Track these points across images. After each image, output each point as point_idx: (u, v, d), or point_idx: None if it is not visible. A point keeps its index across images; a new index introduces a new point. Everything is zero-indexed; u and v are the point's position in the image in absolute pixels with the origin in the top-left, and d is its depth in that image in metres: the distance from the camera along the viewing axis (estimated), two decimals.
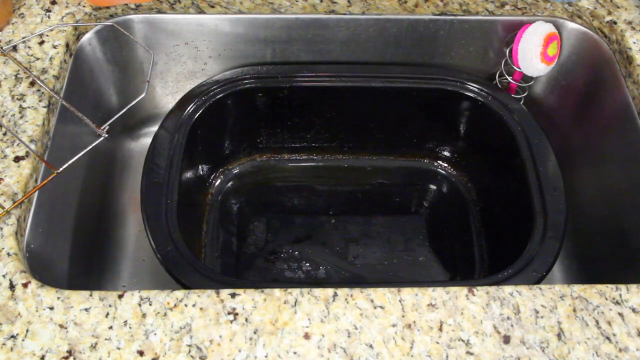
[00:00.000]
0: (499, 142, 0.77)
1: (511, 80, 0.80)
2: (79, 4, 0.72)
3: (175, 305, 0.49)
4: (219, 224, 0.80)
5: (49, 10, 0.71)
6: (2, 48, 0.64)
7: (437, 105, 0.80)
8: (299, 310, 0.49)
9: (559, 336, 0.49)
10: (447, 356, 0.47)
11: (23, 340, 0.47)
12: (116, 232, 0.79)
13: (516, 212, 0.72)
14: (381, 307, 0.50)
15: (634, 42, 0.71)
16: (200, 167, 0.81)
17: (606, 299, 0.51)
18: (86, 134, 0.68)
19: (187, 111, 0.73)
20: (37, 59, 0.66)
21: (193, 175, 0.78)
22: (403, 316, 0.49)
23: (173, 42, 0.77)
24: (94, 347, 0.47)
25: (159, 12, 0.74)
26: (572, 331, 0.49)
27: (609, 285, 0.52)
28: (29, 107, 0.61)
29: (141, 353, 0.46)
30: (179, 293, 0.50)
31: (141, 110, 0.85)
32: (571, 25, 0.77)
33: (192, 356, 0.46)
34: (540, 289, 0.51)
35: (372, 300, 0.50)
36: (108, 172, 0.81)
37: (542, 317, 0.50)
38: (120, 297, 0.49)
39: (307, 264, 0.78)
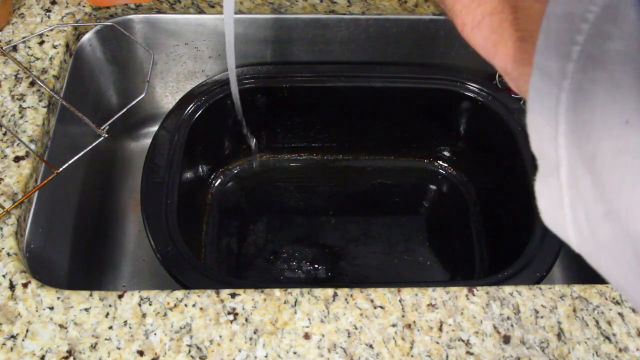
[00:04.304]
0: (499, 142, 0.77)
1: None
2: (79, 4, 0.72)
3: (175, 305, 0.49)
4: (219, 224, 0.80)
5: (49, 10, 0.71)
6: (2, 48, 0.64)
7: (437, 105, 0.80)
8: (299, 310, 0.49)
9: (559, 336, 0.49)
10: (447, 356, 0.47)
11: (23, 340, 0.47)
12: (116, 232, 0.79)
13: (516, 212, 0.72)
14: (381, 307, 0.50)
15: None
16: (200, 167, 0.81)
17: (606, 299, 0.51)
18: (86, 134, 0.68)
19: (187, 111, 0.73)
20: (37, 59, 0.66)
21: (193, 175, 0.78)
22: (403, 316, 0.49)
23: (173, 42, 0.77)
24: (94, 347, 0.47)
25: (159, 12, 0.74)
26: (572, 331, 0.49)
27: (609, 285, 0.52)
28: (29, 107, 0.61)
29: (141, 353, 0.46)
30: (179, 293, 0.50)
31: (141, 110, 0.85)
32: None
33: (192, 356, 0.46)
34: (540, 289, 0.51)
35: (372, 300, 0.50)
36: (108, 172, 0.81)
37: (542, 317, 0.50)
38: (120, 297, 0.49)
39: (307, 264, 0.78)
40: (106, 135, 0.59)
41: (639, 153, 0.20)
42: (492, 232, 0.79)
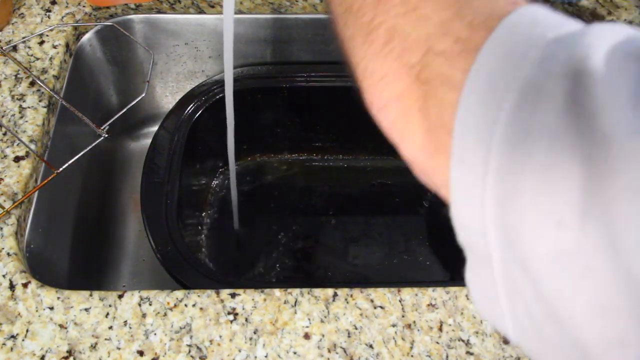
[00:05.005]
0: None
1: None
2: (79, 4, 0.72)
3: (175, 305, 0.49)
4: (219, 224, 0.80)
5: (49, 10, 0.71)
6: (2, 48, 0.64)
7: None
8: (299, 310, 0.49)
9: None
10: (447, 356, 0.47)
11: (23, 340, 0.47)
12: (116, 232, 0.79)
13: None
14: (381, 307, 0.50)
15: None
16: (200, 167, 0.81)
17: None
18: (86, 134, 0.68)
19: (187, 111, 0.73)
20: (37, 59, 0.66)
21: (193, 175, 0.78)
22: (403, 316, 0.49)
23: (173, 42, 0.77)
24: (94, 347, 0.47)
25: (159, 12, 0.74)
26: None
27: None
28: (29, 107, 0.61)
29: (141, 353, 0.46)
30: (179, 293, 0.50)
31: (141, 110, 0.85)
32: None
33: (192, 356, 0.46)
34: None
35: (372, 300, 0.50)
36: (108, 172, 0.81)
37: None
38: (120, 297, 0.49)
39: (307, 264, 0.78)
40: (106, 135, 0.59)
41: (576, 255, 0.18)
42: None
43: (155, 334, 0.47)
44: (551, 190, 0.19)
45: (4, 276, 0.50)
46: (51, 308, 0.49)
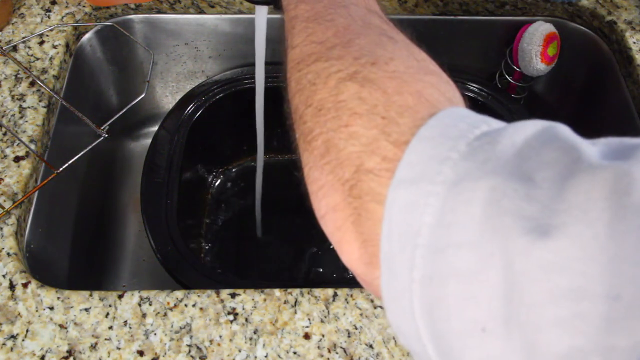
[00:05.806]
0: None
1: (511, 80, 0.80)
2: (79, 4, 0.72)
3: (175, 305, 0.49)
4: (218, 224, 0.80)
5: (49, 10, 0.71)
6: (2, 48, 0.64)
7: None
8: (299, 310, 0.49)
9: None
10: None
11: (23, 340, 0.47)
12: (116, 232, 0.79)
13: None
14: (381, 307, 0.50)
15: (634, 42, 0.71)
16: (200, 167, 0.81)
17: None
18: (86, 134, 0.68)
19: (187, 111, 0.73)
20: (37, 59, 0.66)
21: (193, 175, 0.78)
22: None
23: (173, 42, 0.77)
24: (94, 347, 0.47)
25: (159, 12, 0.74)
26: None
27: None
28: (29, 107, 0.61)
29: (141, 353, 0.46)
30: (179, 293, 0.50)
31: (141, 110, 0.85)
32: (571, 25, 0.77)
33: (192, 356, 0.46)
34: None
35: (372, 300, 0.50)
36: (108, 172, 0.81)
37: None
38: (120, 297, 0.49)
39: (307, 264, 0.78)
40: (106, 135, 0.59)
41: None
42: None
43: (155, 334, 0.47)
44: (473, 297, 0.20)
45: (4, 276, 0.50)
46: (51, 308, 0.49)
